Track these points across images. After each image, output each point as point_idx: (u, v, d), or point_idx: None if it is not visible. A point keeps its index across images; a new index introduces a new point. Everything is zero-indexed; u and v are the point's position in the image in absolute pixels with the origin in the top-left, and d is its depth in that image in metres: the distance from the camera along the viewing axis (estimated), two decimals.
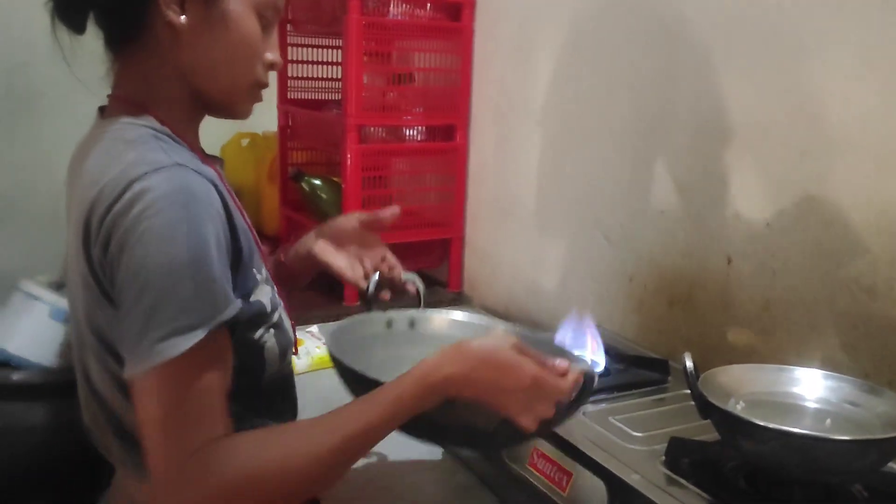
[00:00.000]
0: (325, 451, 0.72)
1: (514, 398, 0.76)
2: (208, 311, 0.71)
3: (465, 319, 1.09)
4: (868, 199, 1.09)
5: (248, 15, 0.82)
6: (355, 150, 1.78)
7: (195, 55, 0.81)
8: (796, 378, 0.97)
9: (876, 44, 1.06)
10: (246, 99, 0.87)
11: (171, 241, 0.70)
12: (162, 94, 0.83)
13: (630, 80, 1.46)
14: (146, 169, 0.73)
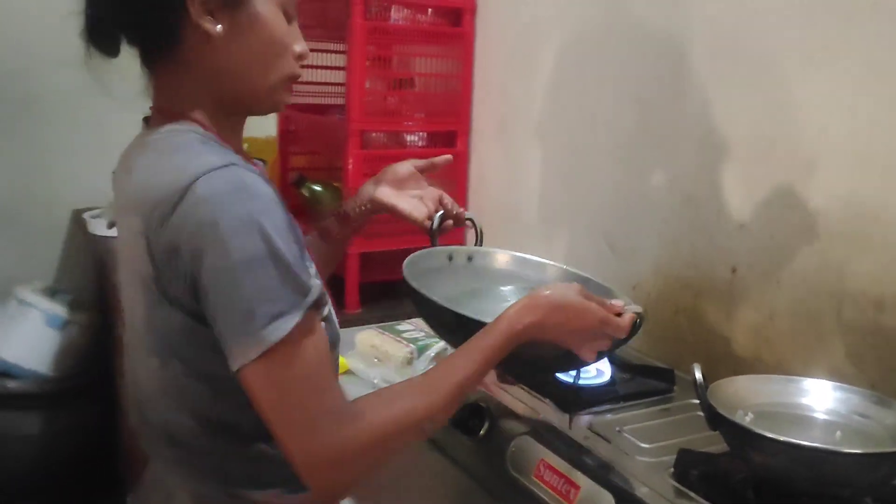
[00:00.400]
0: (441, 399, 0.81)
1: (581, 337, 0.88)
2: (297, 295, 0.75)
3: (518, 256, 1.20)
4: (875, 211, 1.09)
5: (273, 12, 0.84)
6: (357, 156, 1.77)
7: (229, 59, 0.83)
8: (804, 389, 0.97)
9: (882, 56, 1.06)
10: (282, 93, 0.88)
11: (247, 236, 0.73)
12: (201, 101, 0.85)
13: (636, 92, 1.46)
14: (201, 171, 0.75)
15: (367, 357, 1.46)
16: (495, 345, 0.84)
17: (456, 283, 1.11)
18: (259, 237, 0.74)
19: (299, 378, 0.75)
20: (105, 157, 2.74)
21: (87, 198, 2.51)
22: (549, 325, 0.86)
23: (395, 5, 1.77)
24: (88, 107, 2.48)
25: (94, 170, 2.53)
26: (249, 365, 0.74)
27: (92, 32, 0.84)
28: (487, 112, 1.88)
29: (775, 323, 1.24)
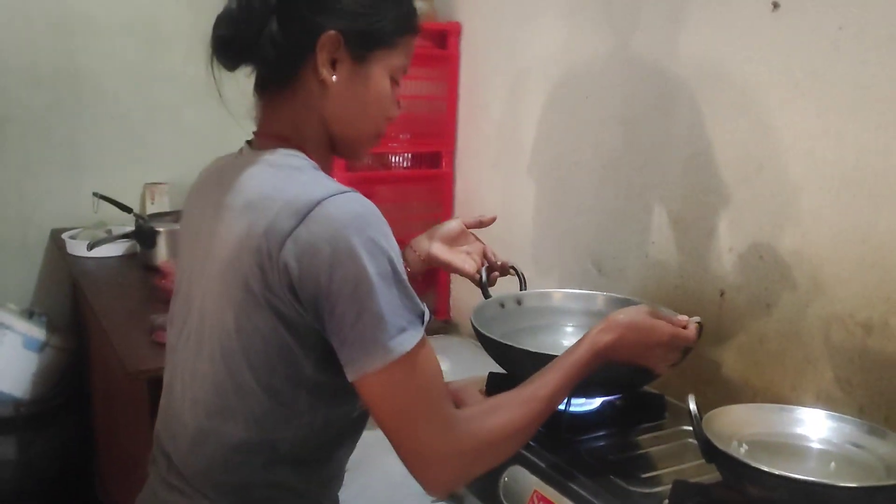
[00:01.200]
0: (535, 411, 0.90)
1: (654, 353, 0.98)
2: (415, 313, 0.82)
3: (563, 293, 1.35)
4: (863, 234, 1.09)
5: (383, 76, 0.92)
6: (341, 179, 1.76)
7: (336, 106, 0.91)
8: (798, 418, 0.97)
9: (867, 82, 1.07)
10: (369, 145, 0.97)
11: (376, 256, 0.79)
12: (306, 135, 0.93)
13: (623, 113, 1.46)
14: (328, 192, 0.81)
15: None
16: (580, 360, 0.94)
17: (514, 325, 1.26)
18: (385, 258, 0.80)
19: (418, 388, 0.82)
20: (79, 177, 2.72)
21: (64, 218, 2.48)
22: (626, 344, 0.96)
23: None
24: (61, 126, 2.46)
25: (68, 189, 2.51)
26: (374, 373, 0.80)
27: (221, 48, 0.90)
28: (473, 133, 1.88)
29: (764, 346, 1.24)
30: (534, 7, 1.66)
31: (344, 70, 0.90)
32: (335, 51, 0.89)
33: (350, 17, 0.89)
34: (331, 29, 0.88)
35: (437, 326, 1.94)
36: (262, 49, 0.88)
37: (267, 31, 0.88)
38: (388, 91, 0.93)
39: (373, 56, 0.91)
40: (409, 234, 1.93)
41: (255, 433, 0.87)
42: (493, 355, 1.16)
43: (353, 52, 0.90)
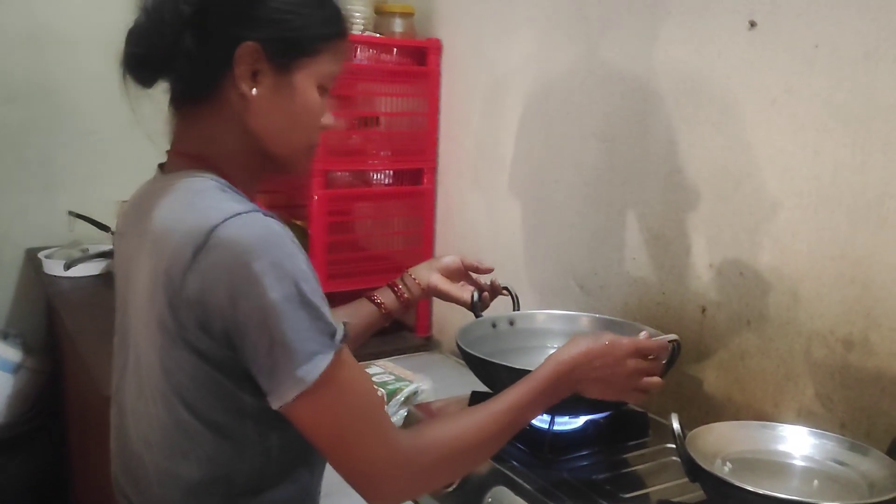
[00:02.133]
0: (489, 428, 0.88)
1: (621, 368, 0.95)
2: (326, 335, 0.78)
3: (555, 314, 1.35)
4: (841, 250, 1.10)
5: (310, 86, 0.87)
6: (321, 195, 1.75)
7: (262, 121, 0.87)
8: (781, 436, 0.97)
9: (844, 99, 1.08)
10: (303, 158, 0.93)
11: (278, 280, 0.76)
12: (225, 152, 0.88)
13: (602, 130, 1.47)
14: (224, 216, 0.77)
15: None
16: (541, 377, 0.93)
17: (505, 345, 1.28)
18: (289, 282, 0.76)
19: (345, 408, 0.80)
20: (54, 196, 2.70)
21: (39, 237, 2.44)
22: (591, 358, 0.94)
23: (359, 45, 1.76)
24: (36, 143, 2.43)
25: (43, 208, 2.48)
26: (294, 403, 0.77)
27: (132, 64, 0.86)
28: (454, 149, 1.88)
29: (745, 363, 1.24)
30: (513, 24, 1.67)
31: (266, 82, 0.85)
32: (255, 63, 0.84)
33: (269, 25, 0.84)
34: (248, 40, 0.83)
35: (417, 343, 1.92)
36: (177, 64, 0.84)
37: (181, 46, 0.83)
38: (318, 101, 0.89)
39: (297, 65, 0.86)
40: (391, 251, 1.94)
41: (209, 471, 0.83)
42: (477, 373, 1.16)
43: (274, 63, 0.85)
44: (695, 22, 1.28)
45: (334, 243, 1.80)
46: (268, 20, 0.84)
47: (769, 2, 1.16)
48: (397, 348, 1.87)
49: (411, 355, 1.85)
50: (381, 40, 1.79)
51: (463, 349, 1.15)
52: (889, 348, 1.05)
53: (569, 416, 1.14)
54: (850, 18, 1.06)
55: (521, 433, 1.13)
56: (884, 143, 1.04)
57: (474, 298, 1.25)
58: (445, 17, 1.87)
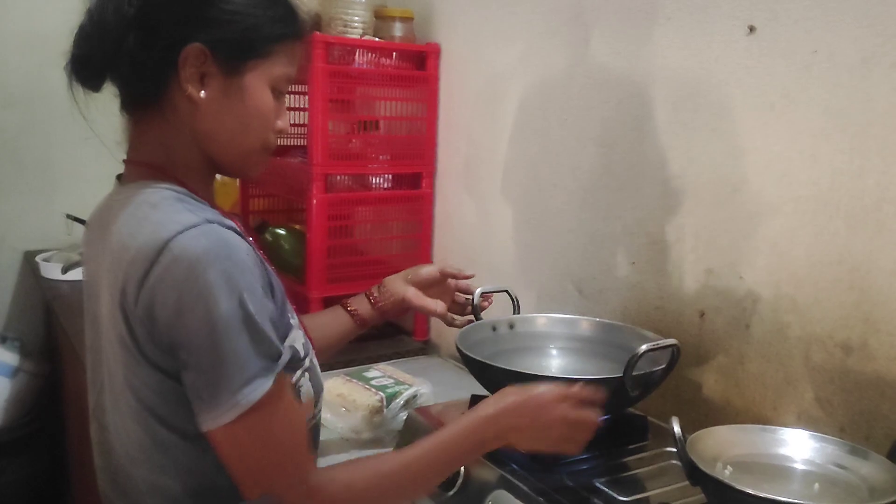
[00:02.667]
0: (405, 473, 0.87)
1: (550, 436, 0.93)
2: (267, 360, 0.77)
3: (555, 317, 1.35)
4: (839, 255, 1.10)
5: (262, 88, 0.86)
6: (321, 199, 1.75)
7: (211, 124, 0.85)
8: (781, 439, 0.97)
9: (841, 105, 1.09)
10: (257, 162, 0.91)
11: (223, 298, 0.74)
12: (180, 159, 0.87)
13: (600, 135, 1.47)
14: (178, 228, 0.76)
15: (334, 407, 1.43)
16: (464, 426, 0.90)
17: (504, 348, 1.27)
18: (235, 299, 0.75)
19: (270, 439, 0.78)
20: (52, 199, 2.70)
21: (37, 240, 2.44)
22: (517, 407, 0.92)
23: (358, 49, 1.76)
24: (34, 147, 2.43)
25: (41, 211, 2.48)
26: (223, 427, 0.76)
27: (76, 66, 0.85)
28: (453, 154, 1.88)
29: (745, 367, 1.25)
30: (511, 29, 1.68)
31: (215, 85, 0.83)
32: (202, 65, 0.82)
33: (216, 26, 0.82)
34: (195, 41, 0.81)
35: (416, 347, 1.92)
36: (122, 67, 0.82)
37: (125, 48, 0.80)
38: (270, 103, 0.86)
39: (247, 67, 0.84)
40: (390, 255, 1.94)
41: (192, 483, 0.83)
42: (477, 377, 1.16)
43: (223, 65, 0.83)
44: (693, 27, 1.28)
45: (333, 247, 1.80)
46: (215, 21, 0.82)
47: (767, 8, 1.17)
48: (396, 352, 1.87)
49: (410, 359, 1.85)
50: (380, 44, 1.80)
51: (463, 352, 1.15)
52: (888, 353, 1.06)
53: None
54: (847, 24, 1.07)
55: None
56: (881, 149, 1.05)
57: (473, 302, 1.26)
58: (444, 21, 1.87)
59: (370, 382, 1.47)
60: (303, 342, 0.92)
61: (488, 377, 1.14)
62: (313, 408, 0.94)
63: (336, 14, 1.75)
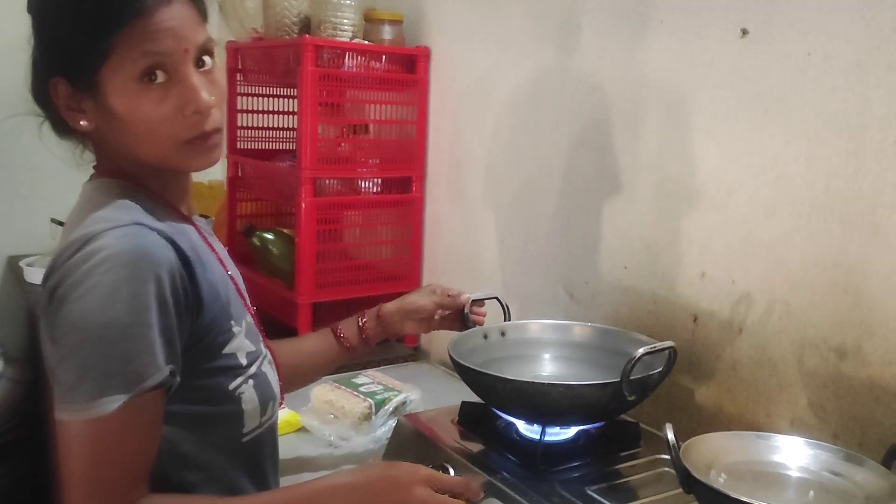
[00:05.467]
0: None
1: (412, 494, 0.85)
2: (136, 376, 0.75)
3: (546, 323, 1.34)
4: (834, 259, 1.09)
5: (125, 87, 0.79)
6: (310, 203, 1.73)
7: (121, 139, 0.84)
8: (775, 446, 0.96)
9: (835, 108, 1.08)
10: (188, 155, 0.85)
11: (111, 302, 0.74)
12: (127, 163, 0.87)
13: (592, 138, 1.46)
14: (104, 227, 0.77)
15: (323, 413, 1.41)
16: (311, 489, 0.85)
17: (496, 356, 1.26)
18: (124, 306, 0.74)
19: (102, 455, 0.76)
20: (39, 203, 2.66)
21: (21, 245, 2.41)
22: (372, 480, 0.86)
23: (348, 52, 1.74)
24: (19, 151, 2.40)
25: (27, 215, 2.44)
26: (68, 423, 0.75)
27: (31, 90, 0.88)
28: (443, 158, 1.87)
29: (738, 372, 1.23)
30: (502, 32, 1.66)
31: (89, 107, 0.82)
32: (68, 97, 0.81)
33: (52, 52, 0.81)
34: (53, 76, 0.81)
35: (406, 353, 1.90)
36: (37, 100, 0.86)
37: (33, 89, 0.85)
38: (150, 104, 0.79)
39: (99, 78, 0.79)
40: (380, 259, 1.92)
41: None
42: (470, 385, 1.15)
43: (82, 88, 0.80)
44: (686, 30, 1.27)
45: (322, 252, 1.78)
46: (49, 47, 0.81)
47: (761, 10, 1.16)
48: (385, 358, 1.85)
49: (400, 365, 1.83)
50: (369, 48, 1.78)
51: (456, 361, 1.13)
52: (882, 357, 1.05)
53: (560, 427, 1.13)
54: (842, 27, 1.06)
55: (512, 444, 1.13)
56: (877, 152, 1.04)
57: (466, 311, 1.25)
58: (434, 24, 1.86)
59: (359, 389, 1.45)
60: (250, 350, 0.91)
61: (483, 385, 1.12)
62: (259, 417, 0.92)
63: (325, 17, 1.74)
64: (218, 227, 2.14)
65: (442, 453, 1.12)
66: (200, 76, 0.82)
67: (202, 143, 0.84)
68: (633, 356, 1.02)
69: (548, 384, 1.07)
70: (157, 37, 0.78)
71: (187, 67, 0.81)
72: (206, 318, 0.84)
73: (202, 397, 0.85)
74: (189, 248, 0.83)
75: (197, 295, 0.82)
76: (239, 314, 0.91)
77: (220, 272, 0.91)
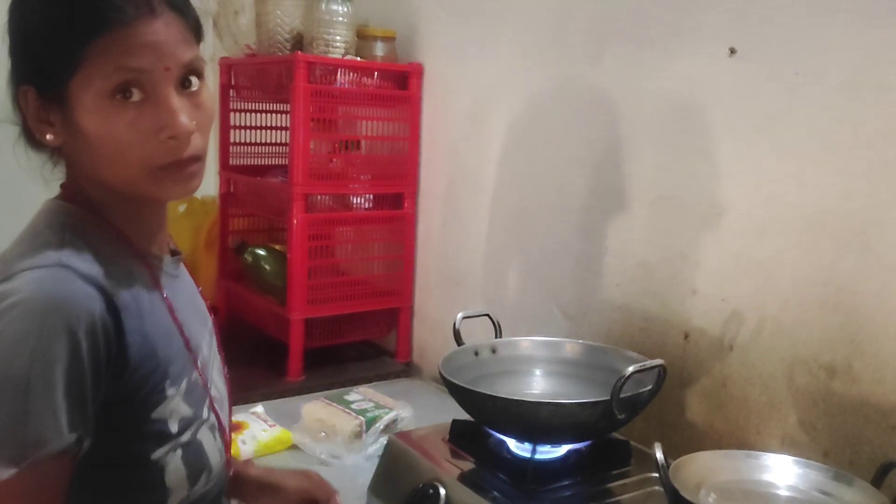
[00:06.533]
0: None
1: None
2: (33, 441, 0.66)
3: (537, 340, 1.33)
4: (825, 277, 1.10)
5: (101, 110, 0.73)
6: (302, 219, 1.73)
7: (85, 159, 0.77)
8: (765, 465, 0.96)
9: (826, 126, 1.08)
10: (160, 183, 0.77)
11: (14, 354, 0.66)
12: (89, 187, 0.79)
13: (586, 155, 1.46)
14: (23, 266, 0.70)
15: (314, 431, 1.40)
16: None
17: (487, 373, 1.25)
18: (24, 361, 0.66)
19: None
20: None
21: None
22: None
23: (340, 69, 1.75)
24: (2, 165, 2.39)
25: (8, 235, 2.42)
26: None
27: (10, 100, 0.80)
28: (435, 174, 1.87)
29: (728, 389, 1.23)
30: (495, 49, 1.67)
31: (58, 121, 0.75)
32: (37, 108, 0.74)
33: (24, 59, 0.74)
34: (23, 84, 0.74)
35: (398, 369, 1.90)
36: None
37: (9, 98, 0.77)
38: (121, 124, 0.73)
39: (70, 90, 0.73)
40: (372, 275, 1.92)
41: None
42: (461, 403, 1.14)
43: (52, 99, 0.74)
44: (677, 49, 1.28)
45: (315, 268, 1.77)
46: (19, 53, 0.75)
47: (750, 30, 1.17)
48: (378, 374, 1.84)
49: (392, 381, 1.82)
50: (362, 64, 1.79)
51: (446, 378, 1.13)
52: (872, 376, 1.05)
53: (550, 445, 1.12)
54: (830, 47, 1.07)
55: (502, 463, 1.13)
56: (867, 171, 1.04)
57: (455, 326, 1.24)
58: (427, 41, 1.87)
59: (350, 406, 1.44)
60: (185, 416, 0.81)
61: (473, 403, 1.12)
62: (189, 487, 0.81)
63: (318, 34, 1.74)
64: (210, 243, 2.14)
65: (432, 472, 1.11)
66: (183, 98, 0.76)
67: (177, 170, 0.77)
68: (623, 375, 1.02)
69: (537, 402, 1.07)
70: (135, 51, 0.72)
71: (167, 87, 0.74)
72: (134, 377, 0.75)
73: (119, 464, 0.76)
74: (128, 297, 0.75)
75: (122, 352, 0.73)
76: (179, 373, 0.81)
77: (164, 324, 0.81)
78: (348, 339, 1.90)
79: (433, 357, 1.89)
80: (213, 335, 0.93)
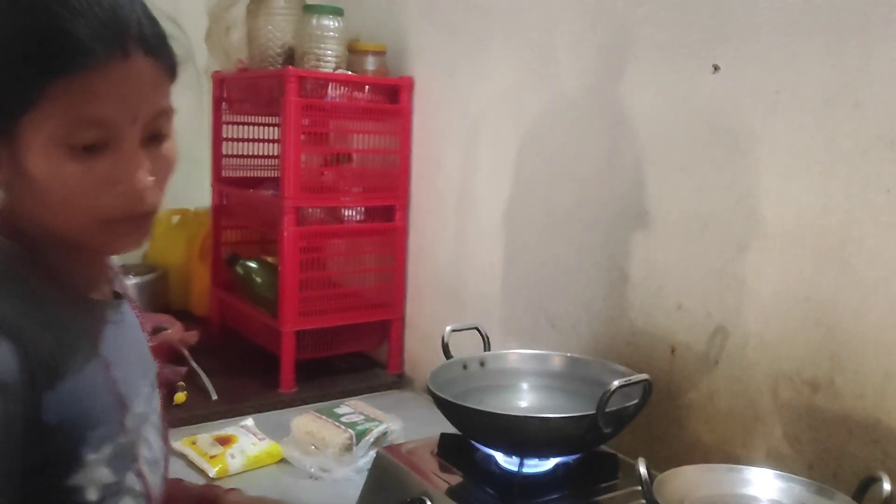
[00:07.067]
0: None
1: None
2: None
3: (525, 353, 1.34)
4: (805, 293, 1.11)
5: (50, 157, 0.64)
6: (293, 232, 1.74)
7: (29, 201, 0.69)
8: (747, 479, 0.97)
9: (805, 144, 1.10)
10: (106, 237, 0.70)
11: None
12: (35, 226, 0.71)
13: (573, 170, 1.48)
14: None
15: (304, 444, 1.41)
16: None
17: (475, 386, 1.26)
18: None
19: None
20: None
21: None
22: None
23: (331, 83, 1.76)
24: None
25: None
26: None
27: None
28: (426, 187, 1.88)
29: (714, 403, 1.24)
30: (485, 63, 1.69)
31: (4, 158, 0.66)
32: None
33: None
34: None
35: (389, 381, 1.91)
36: None
37: None
38: (75, 175, 0.65)
39: (19, 128, 0.64)
40: (363, 287, 1.93)
41: None
42: (448, 417, 1.15)
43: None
44: (660, 66, 1.30)
45: (306, 280, 1.78)
46: None
47: (732, 47, 1.19)
48: (369, 386, 1.85)
49: (383, 393, 1.83)
50: (353, 78, 1.80)
51: (434, 393, 1.14)
52: (854, 391, 1.06)
53: (538, 459, 1.13)
54: (810, 65, 1.09)
55: (490, 477, 1.14)
56: (845, 188, 1.06)
57: (444, 340, 1.24)
58: (418, 55, 1.88)
59: (340, 419, 1.45)
60: (108, 483, 0.72)
61: (460, 418, 1.13)
62: None
63: (309, 48, 1.76)
64: (204, 254, 2.15)
65: (420, 486, 1.12)
66: (145, 149, 0.69)
67: (128, 225, 0.70)
68: (608, 389, 1.03)
69: (523, 416, 1.08)
70: (100, 99, 0.64)
71: (130, 139, 0.67)
72: (48, 443, 0.67)
73: None
74: (54, 352, 0.67)
75: (37, 416, 0.66)
76: (102, 437, 0.72)
77: (93, 383, 0.72)
78: (340, 350, 1.92)
79: (425, 368, 1.89)
80: (154, 387, 0.84)
